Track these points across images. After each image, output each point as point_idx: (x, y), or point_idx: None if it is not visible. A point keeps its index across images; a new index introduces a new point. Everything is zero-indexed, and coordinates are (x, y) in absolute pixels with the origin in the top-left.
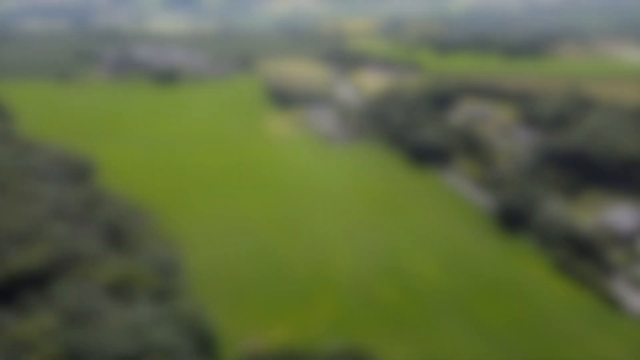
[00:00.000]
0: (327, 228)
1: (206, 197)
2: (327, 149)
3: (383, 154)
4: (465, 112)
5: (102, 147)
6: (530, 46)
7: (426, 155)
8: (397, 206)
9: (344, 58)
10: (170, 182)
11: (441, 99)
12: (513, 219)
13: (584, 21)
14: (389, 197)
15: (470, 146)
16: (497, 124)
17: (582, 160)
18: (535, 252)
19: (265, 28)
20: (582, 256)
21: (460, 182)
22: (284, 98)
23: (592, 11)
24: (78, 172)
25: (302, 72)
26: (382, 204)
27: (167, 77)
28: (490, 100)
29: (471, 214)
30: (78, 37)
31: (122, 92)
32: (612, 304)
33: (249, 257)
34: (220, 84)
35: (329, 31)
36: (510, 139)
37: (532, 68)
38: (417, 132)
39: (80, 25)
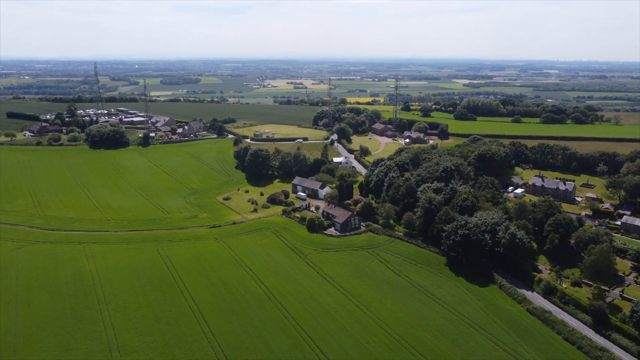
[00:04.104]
0: None
1: None
2: (319, 241)
3: (407, 252)
4: (530, 187)
5: None
6: (573, 111)
7: (484, 256)
8: None
9: (344, 119)
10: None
11: (486, 167)
12: None
13: (585, 97)
14: (435, 346)
15: (560, 242)
16: (589, 206)
17: None
18: None
19: (261, 101)
20: None
21: (556, 309)
22: (260, 165)
23: (591, 87)
24: None
25: (289, 134)
26: None
27: (109, 140)
28: (559, 170)
29: None
30: (34, 101)
31: (40, 157)
32: None
33: None
34: (180, 148)
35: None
36: (621, 229)
37: (592, 132)
38: (462, 217)
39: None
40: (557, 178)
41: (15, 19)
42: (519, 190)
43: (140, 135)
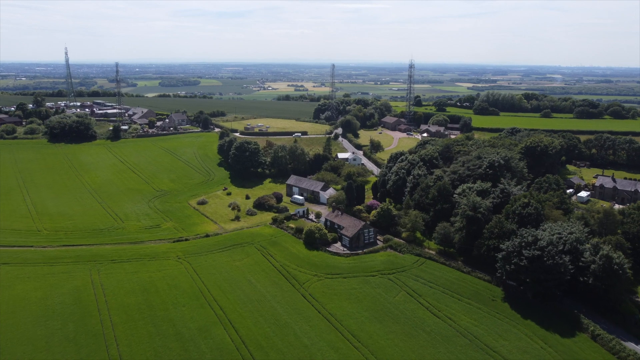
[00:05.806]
0: None
1: None
2: (321, 262)
3: (445, 279)
4: (596, 189)
5: None
6: (608, 106)
7: (561, 289)
8: None
9: (349, 111)
10: None
11: (536, 164)
12: None
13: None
14: None
15: None
16: None
17: None
18: None
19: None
20: None
21: None
22: (247, 161)
23: (599, 91)
24: None
25: (285, 128)
26: None
27: (72, 132)
28: (624, 168)
29: None
30: (8, 95)
31: None
32: None
33: None
34: (156, 142)
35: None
36: None
37: None
38: (527, 230)
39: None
40: (625, 178)
41: (16, 24)
42: (583, 194)
43: (110, 128)
